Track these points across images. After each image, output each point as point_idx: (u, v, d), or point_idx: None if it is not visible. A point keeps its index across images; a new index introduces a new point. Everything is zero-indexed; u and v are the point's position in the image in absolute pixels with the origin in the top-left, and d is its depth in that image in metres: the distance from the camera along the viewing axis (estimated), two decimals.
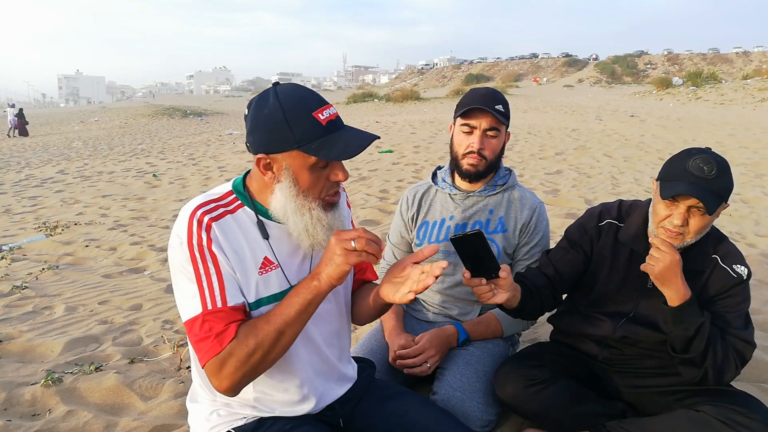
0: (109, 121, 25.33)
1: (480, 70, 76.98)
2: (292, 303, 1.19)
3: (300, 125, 1.17)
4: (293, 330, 1.20)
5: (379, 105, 30.65)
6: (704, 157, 1.51)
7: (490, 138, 1.94)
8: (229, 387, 1.19)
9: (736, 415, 1.52)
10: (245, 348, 1.16)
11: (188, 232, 1.20)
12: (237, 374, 1.17)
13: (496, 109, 1.90)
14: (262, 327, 1.18)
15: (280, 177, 1.21)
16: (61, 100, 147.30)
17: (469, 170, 1.97)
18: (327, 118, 1.19)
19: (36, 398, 2.19)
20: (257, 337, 1.16)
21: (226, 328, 1.16)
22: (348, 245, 1.13)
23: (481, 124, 1.91)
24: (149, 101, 49.62)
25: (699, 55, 69.63)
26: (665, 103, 23.43)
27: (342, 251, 1.14)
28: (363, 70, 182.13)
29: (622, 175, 7.25)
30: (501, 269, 1.43)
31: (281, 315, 1.19)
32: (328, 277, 1.17)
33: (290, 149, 1.18)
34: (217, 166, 9.51)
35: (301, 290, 1.19)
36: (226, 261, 1.20)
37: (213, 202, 1.26)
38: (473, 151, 1.93)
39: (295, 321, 1.19)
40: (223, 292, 1.19)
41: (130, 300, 3.37)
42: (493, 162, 1.99)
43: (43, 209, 6.32)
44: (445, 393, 1.80)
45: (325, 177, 1.23)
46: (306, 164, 1.20)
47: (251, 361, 1.17)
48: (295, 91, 1.21)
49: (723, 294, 1.61)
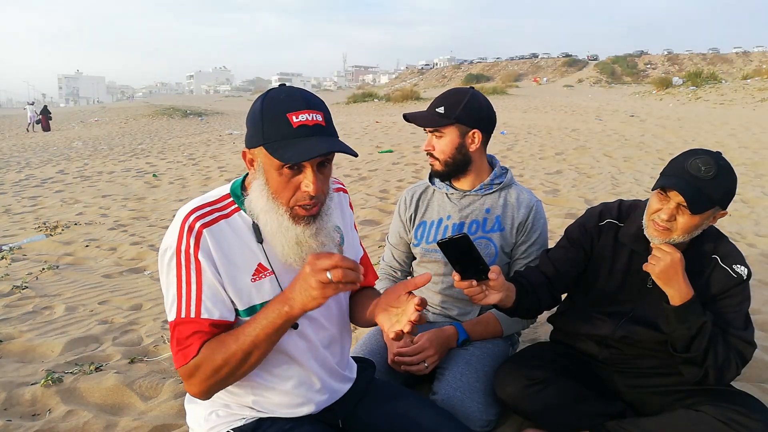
0: (110, 121, 25.32)
1: (480, 70, 76.94)
2: (261, 325, 1.15)
3: (271, 123, 1.15)
4: (261, 351, 1.18)
5: (379, 105, 30.64)
6: (705, 158, 1.50)
7: (436, 139, 2.00)
8: (198, 394, 1.21)
9: (736, 415, 1.52)
10: (212, 363, 1.16)
11: (178, 236, 1.20)
12: (205, 384, 1.19)
13: (436, 112, 1.95)
14: (230, 345, 1.16)
15: (257, 174, 1.21)
16: (61, 100, 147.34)
17: (431, 168, 2.08)
18: (301, 122, 1.14)
19: (36, 398, 2.19)
20: (224, 354, 1.16)
21: (190, 344, 1.17)
22: (323, 277, 1.05)
23: (426, 128, 2.01)
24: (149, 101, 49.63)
25: (699, 55, 69.59)
26: (665, 103, 23.42)
27: (317, 285, 1.06)
28: (363, 70, 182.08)
29: (622, 175, 7.25)
30: (490, 270, 1.44)
31: (249, 336, 1.16)
32: (302, 305, 1.11)
33: (258, 145, 1.17)
34: (218, 166, 9.51)
35: (271, 313, 1.15)
36: (211, 270, 1.19)
37: (209, 205, 1.25)
38: (427, 151, 2.04)
39: (263, 343, 1.16)
40: (199, 303, 1.18)
41: (130, 300, 3.37)
42: (449, 161, 1.99)
43: (43, 209, 6.32)
44: (445, 393, 1.80)
45: (295, 185, 1.17)
46: (273, 164, 1.16)
47: (219, 375, 1.18)
48: (286, 91, 1.20)
49: (723, 294, 1.61)
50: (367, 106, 29.99)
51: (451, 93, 2.00)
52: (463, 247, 1.37)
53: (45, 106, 24.50)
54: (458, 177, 2.05)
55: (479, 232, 2.02)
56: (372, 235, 4.64)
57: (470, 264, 1.41)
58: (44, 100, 51.41)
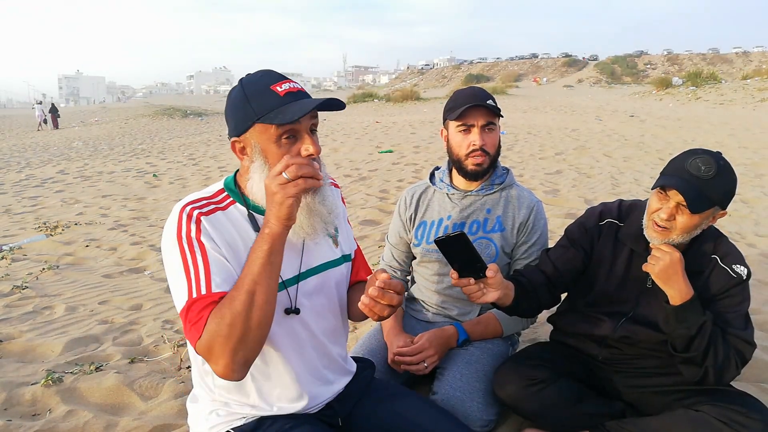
0: (110, 121, 25.33)
1: (480, 70, 76.91)
2: (254, 259, 1.16)
3: (258, 99, 1.19)
4: (264, 286, 1.15)
5: (379, 105, 30.63)
6: (705, 158, 1.50)
7: (488, 133, 1.95)
8: (226, 366, 1.14)
9: (736, 415, 1.52)
10: (222, 321, 1.13)
11: (178, 225, 1.21)
12: (227, 350, 1.13)
13: (489, 104, 1.91)
14: (233, 294, 1.16)
15: (253, 157, 1.23)
16: (62, 100, 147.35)
17: (475, 170, 1.97)
18: (285, 90, 1.20)
19: (36, 398, 2.19)
20: (231, 305, 1.14)
21: (202, 316, 1.15)
22: (280, 179, 1.11)
23: (478, 121, 1.92)
24: (149, 101, 49.62)
25: (699, 55, 69.56)
26: (665, 104, 23.42)
27: (278, 187, 1.11)
28: (363, 71, 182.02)
29: (621, 175, 7.25)
30: (488, 268, 1.44)
31: (247, 275, 1.16)
32: (276, 218, 1.13)
33: (252, 123, 1.20)
34: (218, 166, 9.51)
35: (257, 244, 1.17)
36: (216, 249, 1.20)
37: (204, 199, 1.27)
38: (476, 148, 1.93)
39: (262, 275, 1.15)
40: (208, 279, 1.18)
41: (131, 300, 3.37)
42: (494, 157, 2.00)
43: (43, 209, 6.33)
44: (445, 393, 1.80)
45: (295, 152, 1.20)
46: (271, 138, 1.19)
47: (235, 333, 1.13)
48: (257, 73, 1.25)
49: (723, 294, 1.61)
50: (367, 106, 29.98)
51: (479, 89, 2.00)
52: (460, 245, 1.38)
53: (53, 105, 25.07)
54: (487, 173, 2.02)
55: (480, 232, 2.02)
56: (372, 235, 4.64)
57: (467, 262, 1.42)
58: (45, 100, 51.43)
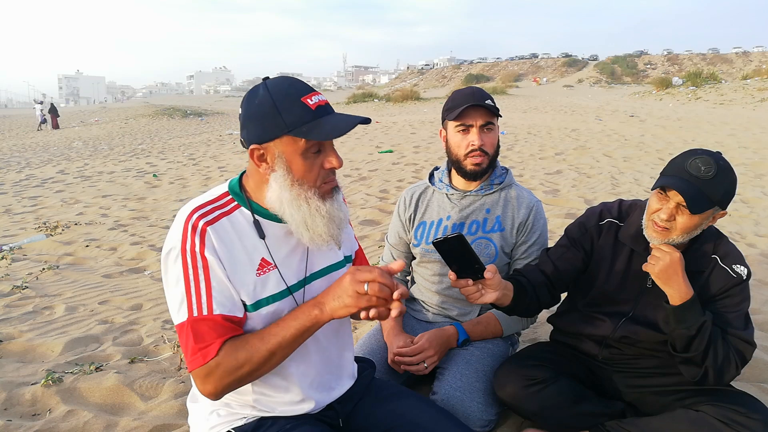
0: (110, 121, 25.33)
1: (480, 70, 76.85)
2: (289, 326, 1.19)
3: (290, 111, 1.19)
4: (285, 352, 1.21)
5: (379, 105, 30.62)
6: (705, 158, 1.50)
7: (487, 133, 1.95)
8: (210, 393, 1.20)
9: (736, 415, 1.52)
10: (234, 361, 1.16)
11: (182, 236, 1.20)
12: (222, 383, 1.18)
13: (487, 104, 1.91)
14: (255, 344, 1.18)
15: (275, 166, 1.22)
16: (62, 100, 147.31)
17: (474, 170, 1.97)
18: (316, 103, 1.21)
19: (36, 398, 2.19)
20: (248, 352, 1.17)
21: (210, 343, 1.16)
22: (361, 288, 1.13)
23: (477, 121, 1.93)
24: (149, 101, 49.68)
25: (699, 55, 69.50)
26: (665, 104, 23.42)
27: (353, 293, 1.13)
28: (363, 70, 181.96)
29: (621, 175, 7.25)
30: (486, 269, 1.44)
31: (276, 336, 1.19)
32: (331, 311, 1.17)
33: (281, 135, 1.19)
34: (218, 166, 9.51)
35: (301, 315, 1.20)
36: (219, 266, 1.20)
37: (209, 204, 1.26)
38: (475, 148, 1.93)
39: (289, 344, 1.20)
40: (210, 299, 1.18)
41: (131, 300, 3.37)
42: (493, 157, 2.00)
43: (43, 209, 6.33)
44: (445, 393, 1.80)
45: (319, 164, 1.23)
46: (298, 150, 1.20)
47: (238, 374, 1.18)
48: (284, 81, 1.24)
49: (723, 294, 1.61)
50: (367, 106, 29.97)
51: (478, 89, 2.00)
52: (458, 246, 1.38)
53: (52, 104, 24.95)
54: (487, 173, 2.02)
55: (479, 232, 2.02)
56: (372, 235, 4.64)
57: (466, 263, 1.42)
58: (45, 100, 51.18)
